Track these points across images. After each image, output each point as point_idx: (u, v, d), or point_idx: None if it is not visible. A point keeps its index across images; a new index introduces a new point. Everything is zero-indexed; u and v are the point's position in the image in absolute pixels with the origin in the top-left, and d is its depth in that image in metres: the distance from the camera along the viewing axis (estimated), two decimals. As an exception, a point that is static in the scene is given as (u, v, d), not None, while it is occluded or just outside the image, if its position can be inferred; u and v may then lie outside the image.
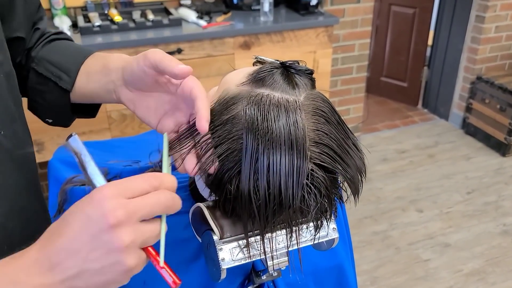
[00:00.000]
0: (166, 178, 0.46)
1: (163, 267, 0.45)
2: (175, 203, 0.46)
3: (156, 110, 0.59)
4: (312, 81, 0.59)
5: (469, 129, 3.23)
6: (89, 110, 0.72)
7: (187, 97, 0.54)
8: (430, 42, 3.51)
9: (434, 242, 2.28)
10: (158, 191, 0.44)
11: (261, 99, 0.53)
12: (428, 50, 3.55)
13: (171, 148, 0.55)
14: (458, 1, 3.13)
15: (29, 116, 0.67)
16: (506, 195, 2.63)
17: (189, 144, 0.55)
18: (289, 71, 0.57)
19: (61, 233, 0.41)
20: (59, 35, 0.71)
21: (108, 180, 0.99)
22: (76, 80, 0.63)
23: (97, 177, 0.47)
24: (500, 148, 3.00)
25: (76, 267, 0.40)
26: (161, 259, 0.45)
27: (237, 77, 0.58)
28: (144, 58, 0.54)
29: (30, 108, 0.69)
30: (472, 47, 3.09)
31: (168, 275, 0.45)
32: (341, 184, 0.58)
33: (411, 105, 3.68)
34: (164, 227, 0.46)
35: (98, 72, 0.62)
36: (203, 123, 0.51)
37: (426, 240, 2.30)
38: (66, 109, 0.67)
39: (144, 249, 0.44)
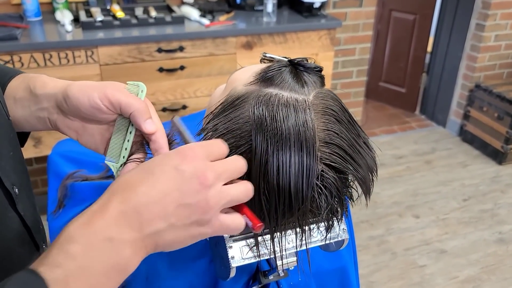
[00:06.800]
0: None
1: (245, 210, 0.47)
2: (245, 167, 0.47)
3: (102, 136, 0.54)
4: (322, 78, 0.58)
5: (466, 136, 3.24)
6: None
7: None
8: (429, 48, 3.52)
9: (430, 248, 2.28)
10: (233, 157, 0.46)
11: (269, 99, 0.52)
12: (428, 56, 3.56)
13: None
14: (458, 9, 3.14)
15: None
16: (502, 203, 2.63)
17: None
18: (297, 69, 0.55)
19: (148, 184, 0.41)
20: None
21: (111, 176, 0.97)
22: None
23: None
24: (496, 156, 3.01)
25: (165, 222, 0.41)
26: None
27: (244, 76, 0.57)
28: (103, 95, 0.50)
29: None
30: (472, 55, 3.10)
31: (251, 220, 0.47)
32: (351, 183, 0.57)
33: (409, 111, 3.68)
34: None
35: (26, 99, 0.55)
36: None
37: (422, 246, 2.30)
38: None
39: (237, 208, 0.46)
